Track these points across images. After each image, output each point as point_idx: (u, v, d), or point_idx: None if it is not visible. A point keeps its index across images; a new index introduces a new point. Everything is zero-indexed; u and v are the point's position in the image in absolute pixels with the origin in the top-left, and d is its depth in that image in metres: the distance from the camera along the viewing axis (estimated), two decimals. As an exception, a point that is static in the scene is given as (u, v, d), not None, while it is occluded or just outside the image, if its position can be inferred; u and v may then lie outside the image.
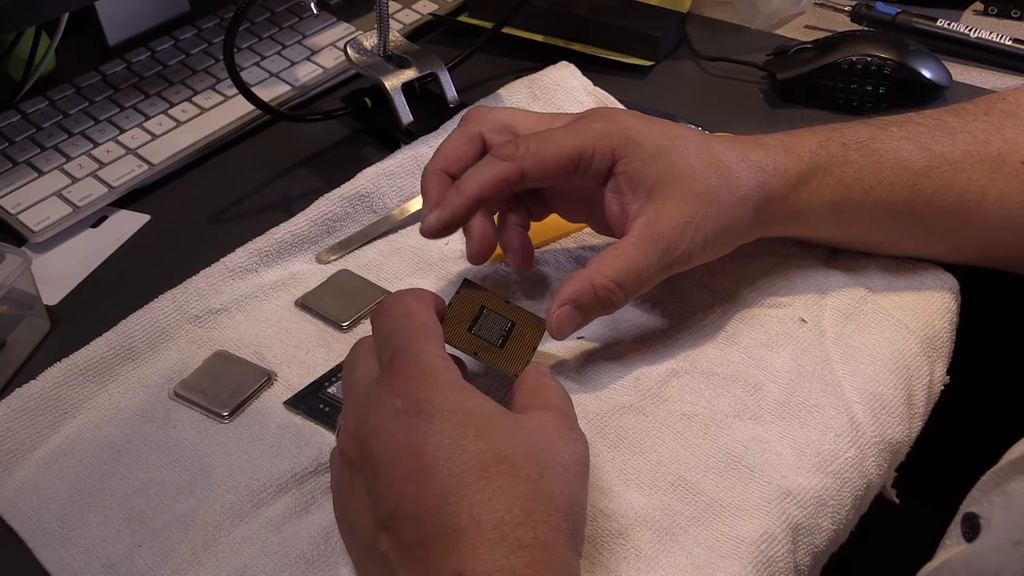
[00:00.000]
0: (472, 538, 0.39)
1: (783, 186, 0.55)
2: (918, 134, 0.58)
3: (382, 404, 0.42)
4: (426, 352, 0.44)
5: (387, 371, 0.44)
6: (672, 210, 0.53)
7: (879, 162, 0.57)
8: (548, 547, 0.39)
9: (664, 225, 0.53)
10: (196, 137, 0.74)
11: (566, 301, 0.52)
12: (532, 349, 0.52)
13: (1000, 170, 0.57)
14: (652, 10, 0.84)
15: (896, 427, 0.53)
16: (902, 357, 0.55)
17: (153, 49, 0.82)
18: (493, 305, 0.53)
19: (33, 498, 0.50)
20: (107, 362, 0.56)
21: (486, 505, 0.39)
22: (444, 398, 0.42)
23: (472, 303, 0.53)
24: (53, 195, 0.68)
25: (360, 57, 0.74)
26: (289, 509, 0.49)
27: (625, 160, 0.53)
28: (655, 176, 0.53)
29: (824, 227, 0.58)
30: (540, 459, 0.42)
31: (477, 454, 0.40)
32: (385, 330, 0.46)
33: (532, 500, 0.40)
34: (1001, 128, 0.58)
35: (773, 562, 0.47)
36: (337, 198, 0.65)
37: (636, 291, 0.53)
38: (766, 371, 0.55)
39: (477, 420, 0.42)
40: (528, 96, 0.74)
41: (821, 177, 0.56)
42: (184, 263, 0.61)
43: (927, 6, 0.86)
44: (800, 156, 0.56)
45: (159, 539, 0.48)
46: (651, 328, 0.58)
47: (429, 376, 0.43)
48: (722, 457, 0.50)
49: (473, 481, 0.40)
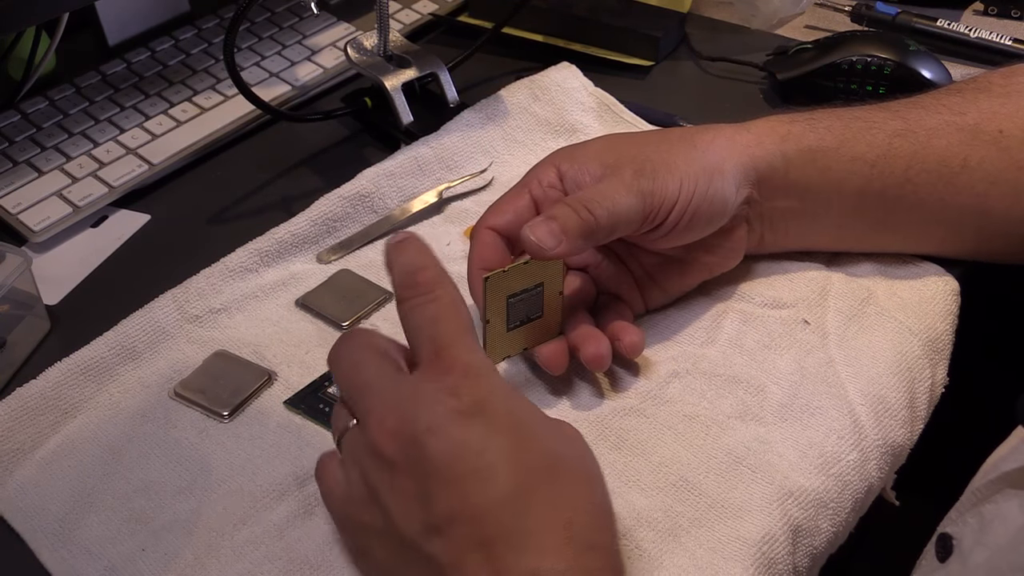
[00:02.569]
0: (543, 538, 0.39)
1: (754, 143, 0.56)
2: (890, 107, 0.58)
3: (436, 402, 0.40)
4: (476, 351, 0.43)
5: (434, 367, 0.42)
6: (630, 156, 0.54)
7: (850, 122, 0.57)
8: (612, 551, 0.40)
9: (626, 165, 0.53)
10: (196, 137, 0.74)
11: (542, 217, 0.51)
12: (560, 294, 0.53)
13: (979, 138, 0.56)
14: (652, 10, 0.84)
15: (898, 430, 0.53)
16: (905, 360, 0.55)
17: (153, 49, 0.82)
18: (514, 284, 0.51)
19: (34, 498, 0.50)
20: (107, 362, 0.56)
21: (553, 505, 0.39)
22: (501, 400, 0.41)
23: (499, 298, 0.51)
24: (53, 195, 0.68)
25: (360, 57, 0.74)
26: (292, 513, 0.49)
27: (564, 160, 0.56)
28: (597, 150, 0.55)
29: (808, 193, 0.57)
30: (589, 464, 0.42)
31: (540, 456, 0.40)
32: (428, 316, 0.43)
33: (592, 503, 0.40)
34: (975, 100, 0.58)
35: (773, 564, 0.47)
36: (337, 198, 0.65)
37: (614, 208, 0.51)
38: (768, 373, 0.54)
39: (531, 422, 0.42)
40: (529, 97, 0.74)
41: (788, 125, 0.57)
42: (184, 263, 0.61)
43: (927, 6, 0.86)
44: (769, 124, 0.57)
45: (161, 542, 0.48)
46: (652, 329, 0.58)
47: (483, 377, 0.42)
48: (724, 458, 0.50)
49: (538, 483, 0.39)
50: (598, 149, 0.56)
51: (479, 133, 0.72)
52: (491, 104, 0.74)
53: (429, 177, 0.69)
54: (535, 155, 0.72)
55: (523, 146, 0.72)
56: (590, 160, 0.55)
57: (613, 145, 0.57)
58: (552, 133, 0.73)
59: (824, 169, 0.56)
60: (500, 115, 0.73)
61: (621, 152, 0.55)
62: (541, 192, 0.56)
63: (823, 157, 0.56)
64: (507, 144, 0.72)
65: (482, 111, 0.73)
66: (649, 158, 0.54)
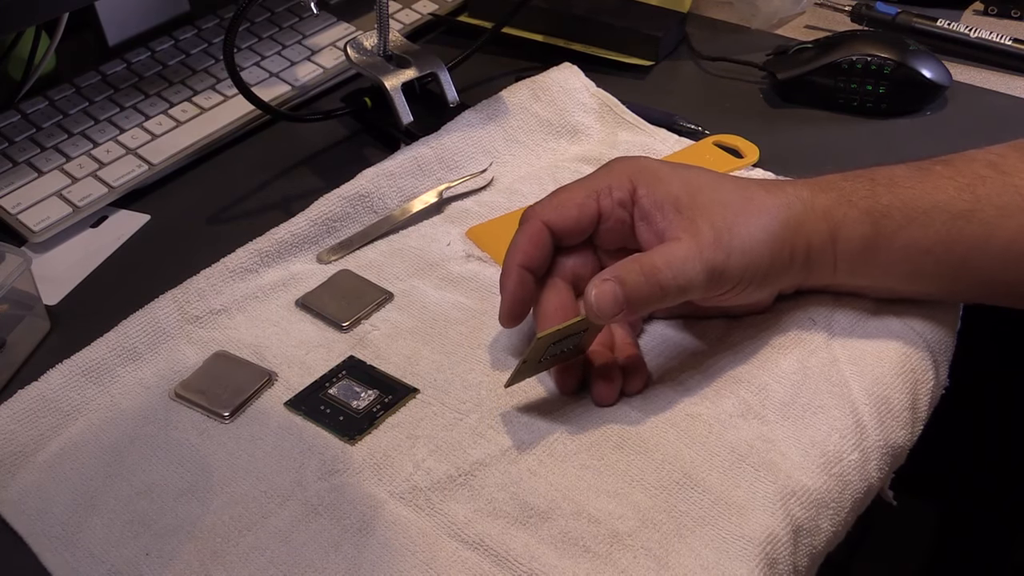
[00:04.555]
0: None
1: (810, 217, 0.53)
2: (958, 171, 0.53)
3: None
4: None
5: None
6: (707, 212, 0.51)
7: (911, 200, 0.53)
8: None
9: (702, 223, 0.51)
10: (196, 137, 0.74)
11: (609, 277, 0.49)
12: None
13: None
14: (652, 10, 0.84)
15: (899, 431, 0.53)
16: (909, 361, 0.55)
17: (153, 49, 0.82)
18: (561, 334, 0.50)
19: (36, 501, 0.50)
20: (108, 363, 0.56)
21: None
22: None
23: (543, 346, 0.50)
24: (53, 195, 0.68)
25: (360, 57, 0.74)
26: (295, 516, 0.49)
27: (643, 184, 0.53)
28: (678, 190, 0.52)
29: (859, 268, 0.55)
30: None
31: None
32: None
33: None
34: None
35: (775, 563, 0.47)
36: (337, 198, 0.65)
37: (682, 281, 0.50)
38: (771, 372, 0.54)
39: None
40: (530, 97, 0.74)
41: (847, 208, 0.53)
42: (184, 263, 0.61)
43: (927, 6, 0.86)
44: (831, 196, 0.54)
45: (165, 546, 0.48)
46: (654, 329, 0.58)
47: None
48: (727, 455, 0.50)
49: None
50: (680, 184, 0.53)
51: (479, 133, 0.71)
52: (492, 104, 0.73)
53: (429, 177, 0.69)
54: (536, 155, 0.72)
55: (524, 146, 0.72)
56: (669, 196, 0.52)
57: (695, 185, 0.53)
58: (553, 134, 0.73)
59: (876, 262, 0.55)
60: (501, 115, 0.73)
61: (702, 199, 0.52)
62: (610, 207, 0.53)
63: (878, 251, 0.54)
64: (508, 144, 0.72)
65: (483, 111, 0.73)
66: (729, 225, 0.51)
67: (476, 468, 0.50)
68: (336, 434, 0.52)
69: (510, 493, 0.49)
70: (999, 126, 0.75)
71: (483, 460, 0.50)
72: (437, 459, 0.51)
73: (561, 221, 0.53)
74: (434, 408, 0.53)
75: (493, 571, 0.46)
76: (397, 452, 0.51)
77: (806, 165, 0.69)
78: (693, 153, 0.71)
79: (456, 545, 0.47)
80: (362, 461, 0.51)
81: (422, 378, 0.55)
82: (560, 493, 0.49)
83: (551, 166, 0.71)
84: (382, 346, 0.57)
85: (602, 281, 0.49)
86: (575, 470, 0.50)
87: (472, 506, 0.48)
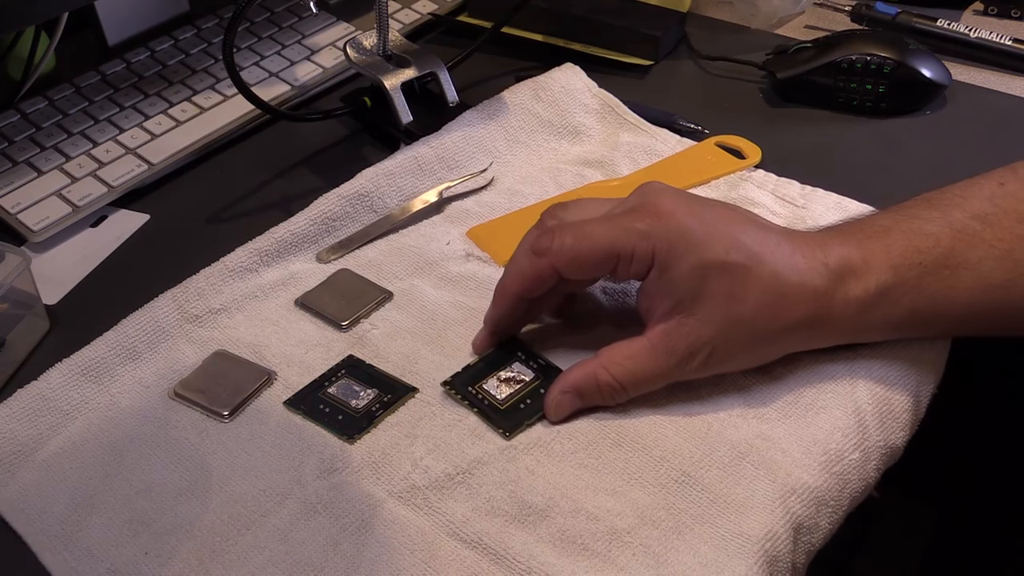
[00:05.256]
0: None
1: (844, 314, 0.52)
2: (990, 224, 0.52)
3: None
4: None
5: None
6: (694, 329, 0.50)
7: (956, 285, 0.51)
8: None
9: (681, 343, 0.50)
10: (196, 137, 0.74)
11: (569, 389, 0.52)
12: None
13: None
14: (652, 9, 0.84)
15: (898, 433, 0.53)
16: (913, 363, 0.55)
17: (153, 49, 0.82)
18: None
19: (36, 500, 0.50)
20: (107, 362, 0.56)
21: None
22: None
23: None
24: (53, 195, 0.68)
25: (360, 57, 0.74)
26: (293, 515, 0.49)
27: (660, 264, 0.50)
28: (689, 292, 0.50)
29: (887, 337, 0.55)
30: None
31: None
32: None
33: None
34: None
35: (775, 561, 0.47)
36: (337, 197, 0.65)
37: (641, 391, 0.52)
38: (773, 371, 0.54)
39: None
40: (531, 97, 0.74)
41: (887, 308, 0.52)
42: (184, 263, 0.61)
43: (927, 6, 0.86)
44: (866, 286, 0.51)
45: (164, 545, 0.48)
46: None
47: None
48: (727, 452, 0.50)
49: None
50: (691, 267, 0.50)
51: (480, 133, 0.71)
52: (493, 104, 0.73)
53: (429, 177, 0.69)
54: (537, 156, 0.72)
55: (525, 146, 0.72)
56: (674, 289, 0.50)
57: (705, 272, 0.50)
58: (555, 134, 0.73)
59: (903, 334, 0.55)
60: (502, 115, 0.73)
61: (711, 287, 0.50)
62: (624, 274, 0.52)
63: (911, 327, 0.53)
64: (508, 144, 0.72)
65: (484, 111, 0.73)
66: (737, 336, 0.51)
67: (474, 467, 0.50)
68: (335, 433, 0.52)
69: (508, 492, 0.49)
70: (999, 126, 0.75)
71: (481, 459, 0.50)
72: (435, 458, 0.51)
73: (573, 273, 0.53)
74: (433, 407, 0.53)
75: (491, 569, 0.46)
76: (396, 451, 0.51)
77: (806, 165, 0.69)
78: (695, 154, 0.71)
79: (455, 544, 0.47)
80: (361, 460, 0.51)
81: (421, 377, 0.55)
82: (558, 491, 0.49)
83: (552, 167, 0.71)
84: (381, 345, 0.57)
85: (561, 393, 0.52)
86: (573, 468, 0.50)
87: (470, 505, 0.48)
